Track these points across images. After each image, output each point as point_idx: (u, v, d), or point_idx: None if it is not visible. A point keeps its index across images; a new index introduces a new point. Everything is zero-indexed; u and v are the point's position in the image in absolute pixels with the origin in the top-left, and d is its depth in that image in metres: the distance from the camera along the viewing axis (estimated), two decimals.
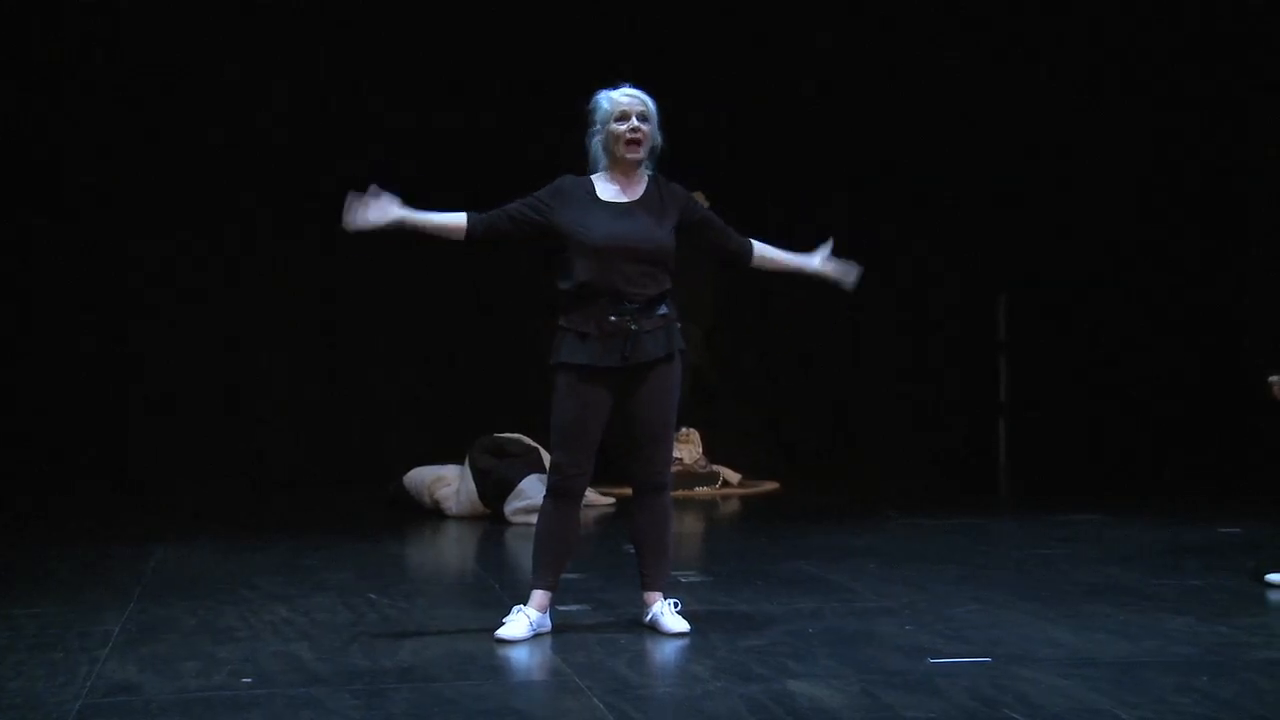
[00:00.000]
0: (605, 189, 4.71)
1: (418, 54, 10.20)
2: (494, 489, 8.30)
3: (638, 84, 4.73)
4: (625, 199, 4.69)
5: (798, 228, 10.84)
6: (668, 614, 4.74)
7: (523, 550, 6.00)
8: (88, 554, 6.79)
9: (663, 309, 4.65)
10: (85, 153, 10.00)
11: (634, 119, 4.64)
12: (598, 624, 4.90)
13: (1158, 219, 11.00)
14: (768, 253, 4.86)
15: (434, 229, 4.63)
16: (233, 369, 10.35)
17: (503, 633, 4.60)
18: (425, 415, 10.31)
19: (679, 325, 4.74)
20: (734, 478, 10.17)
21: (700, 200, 5.03)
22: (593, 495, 8.49)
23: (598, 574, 5.91)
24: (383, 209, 4.49)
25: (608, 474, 6.80)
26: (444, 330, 10.47)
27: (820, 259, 4.86)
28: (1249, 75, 10.46)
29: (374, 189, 4.50)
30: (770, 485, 10.19)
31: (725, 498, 9.79)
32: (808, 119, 10.78)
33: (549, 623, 4.73)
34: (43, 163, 9.94)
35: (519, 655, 4.46)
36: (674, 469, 5.89)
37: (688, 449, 9.95)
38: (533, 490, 7.98)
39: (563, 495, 4.69)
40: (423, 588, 6.08)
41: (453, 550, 7.68)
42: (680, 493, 8.95)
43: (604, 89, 4.72)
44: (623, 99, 4.66)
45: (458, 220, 4.64)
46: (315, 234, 10.03)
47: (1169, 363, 10.93)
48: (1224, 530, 7.40)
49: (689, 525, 8.28)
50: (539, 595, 4.70)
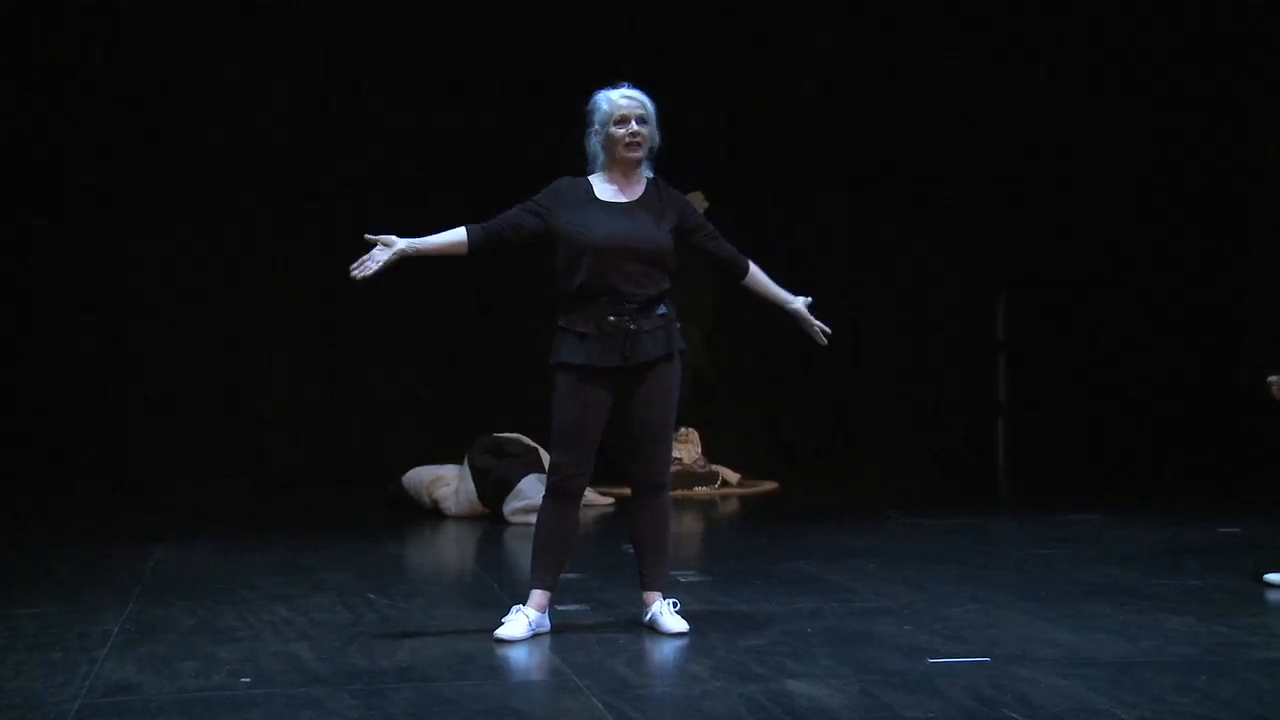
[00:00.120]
0: (603, 189, 4.71)
1: (418, 54, 10.21)
2: (493, 489, 8.30)
3: (638, 84, 4.72)
4: (624, 199, 4.70)
5: (798, 228, 11.03)
6: (667, 614, 4.75)
7: (522, 550, 6.00)
8: (88, 554, 6.79)
9: (662, 309, 4.65)
10: (85, 153, 10.00)
11: (633, 123, 4.64)
12: (597, 624, 4.90)
13: (1158, 219, 11.00)
14: (761, 279, 4.86)
15: (438, 250, 4.65)
16: (233, 369, 10.35)
17: (502, 632, 4.60)
18: (425, 415, 10.31)
19: (678, 325, 4.74)
20: (733, 477, 10.17)
21: (700, 201, 5.03)
22: (592, 495, 8.48)
23: (597, 574, 5.91)
24: (384, 248, 4.51)
25: (607, 474, 6.79)
26: (444, 330, 10.47)
27: (803, 302, 4.87)
28: (1249, 75, 10.46)
29: (370, 238, 4.52)
30: (769, 485, 10.18)
31: (724, 498, 9.79)
32: (808, 119, 10.78)
33: (548, 622, 4.73)
34: (43, 163, 9.94)
35: (518, 655, 4.46)
36: (673, 469, 5.89)
37: (687, 449, 9.95)
38: (532, 490, 7.98)
39: (562, 495, 4.69)
40: (422, 588, 6.08)
41: (452, 550, 7.68)
42: (679, 493, 8.95)
43: (604, 88, 4.71)
44: (622, 101, 4.65)
45: (459, 237, 4.65)
46: (315, 234, 10.05)
47: (1169, 363, 10.93)
48: (1224, 530, 7.39)
49: (688, 525, 8.28)
50: (538, 595, 4.71)
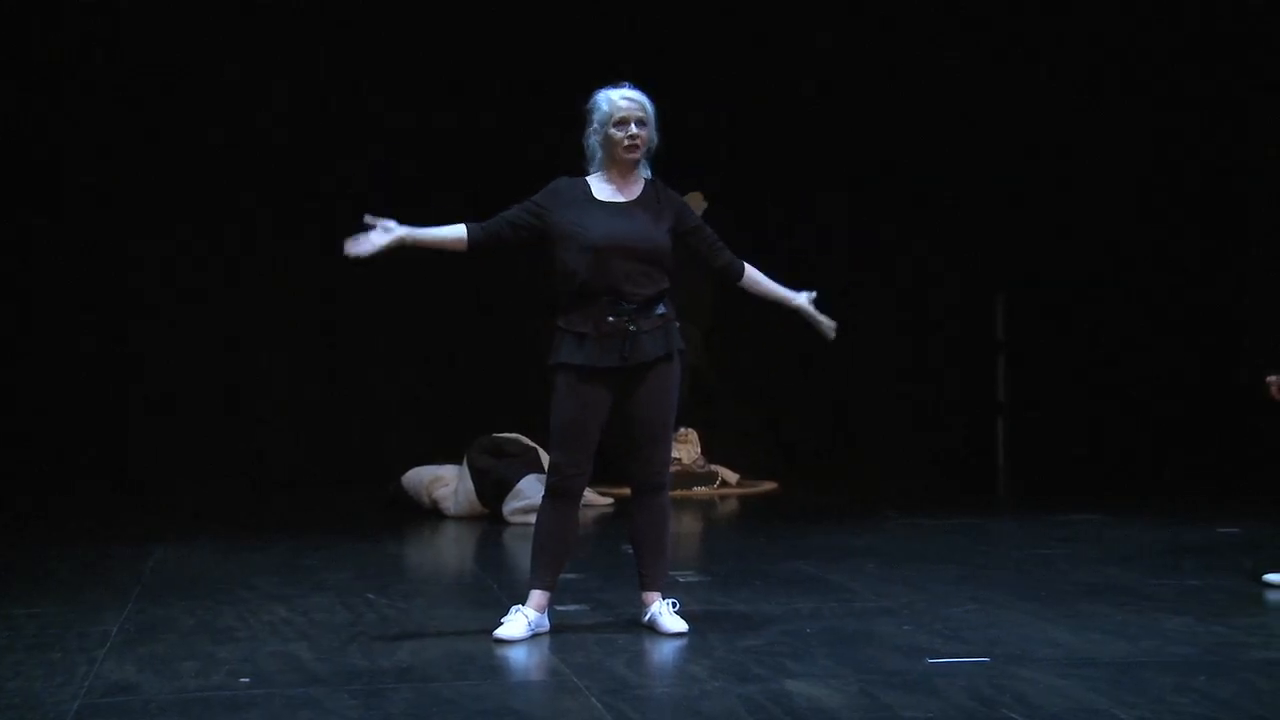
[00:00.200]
0: (602, 189, 4.71)
1: (418, 54, 10.21)
2: (492, 489, 8.30)
3: (638, 84, 4.71)
4: (622, 199, 4.69)
5: (798, 228, 11.03)
6: (666, 614, 4.74)
7: (521, 550, 6.00)
8: (87, 554, 6.79)
9: (660, 309, 4.65)
10: (85, 153, 10.01)
11: (632, 125, 4.63)
12: (596, 624, 4.90)
13: (1158, 219, 11.00)
14: (758, 279, 4.85)
15: (436, 243, 4.64)
16: (233, 369, 10.36)
17: (501, 633, 4.60)
18: (425, 415, 10.31)
19: (678, 325, 4.74)
20: (732, 478, 10.16)
21: (698, 201, 5.03)
22: (591, 495, 8.48)
23: (596, 574, 5.91)
24: (383, 231, 4.50)
25: (606, 474, 6.80)
26: (444, 330, 10.47)
27: (805, 297, 4.86)
28: (1249, 75, 10.46)
29: (370, 219, 4.50)
30: (769, 485, 10.18)
31: (724, 498, 9.79)
32: (808, 119, 10.77)
33: (547, 623, 4.73)
34: (43, 163, 9.95)
35: (517, 655, 4.46)
36: (672, 469, 5.89)
37: (686, 449, 9.95)
38: (531, 490, 7.98)
39: (561, 495, 4.69)
40: (421, 588, 6.08)
41: (451, 550, 7.68)
42: (679, 493, 8.94)
43: (604, 88, 4.71)
44: (622, 103, 4.64)
45: (458, 232, 4.64)
46: (315, 234, 10.02)
47: (1169, 363, 10.93)
48: (1223, 530, 7.39)
49: (687, 525, 8.28)
50: (537, 595, 4.70)
